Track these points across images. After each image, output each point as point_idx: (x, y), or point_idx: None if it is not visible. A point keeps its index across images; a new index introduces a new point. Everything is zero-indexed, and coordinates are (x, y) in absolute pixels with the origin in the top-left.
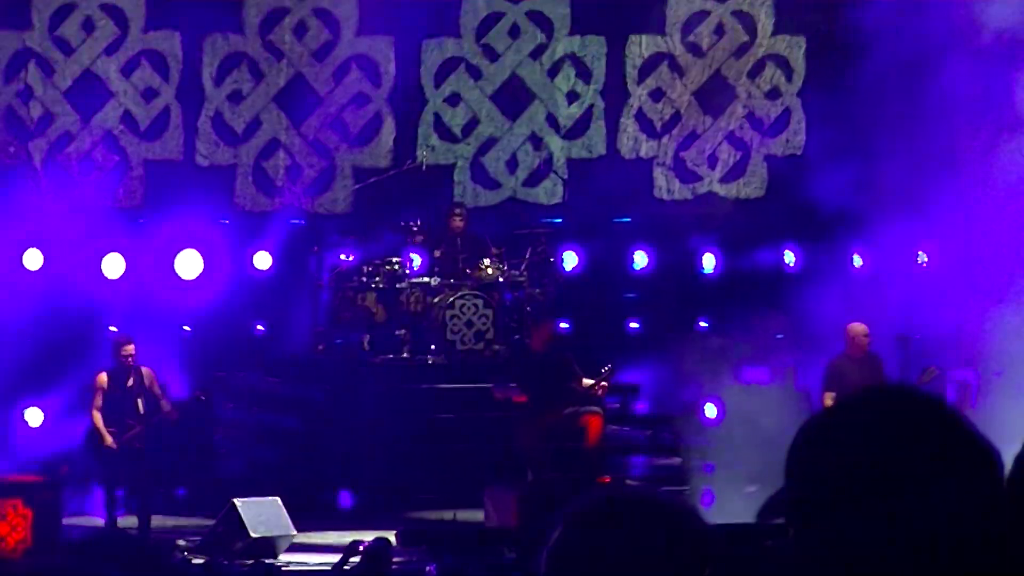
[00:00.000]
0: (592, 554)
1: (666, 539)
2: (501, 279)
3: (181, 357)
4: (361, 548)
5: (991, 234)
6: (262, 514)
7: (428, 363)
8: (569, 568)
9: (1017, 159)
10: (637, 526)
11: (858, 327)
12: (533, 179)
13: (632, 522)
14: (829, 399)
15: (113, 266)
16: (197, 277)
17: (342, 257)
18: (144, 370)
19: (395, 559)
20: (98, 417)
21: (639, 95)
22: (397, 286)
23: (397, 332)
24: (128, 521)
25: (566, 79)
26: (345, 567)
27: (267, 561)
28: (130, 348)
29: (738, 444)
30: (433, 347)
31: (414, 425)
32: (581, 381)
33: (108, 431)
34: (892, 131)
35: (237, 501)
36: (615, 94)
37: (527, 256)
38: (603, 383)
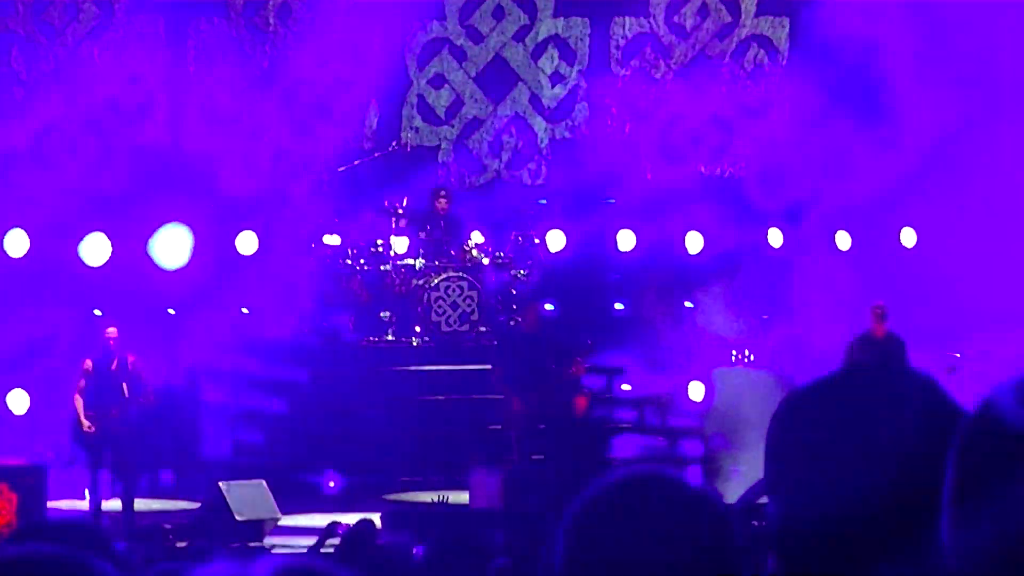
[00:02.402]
0: (612, 534)
1: (690, 521)
2: (486, 261)
3: (166, 340)
4: (340, 531)
5: (978, 215)
6: (247, 497)
7: (413, 345)
8: (588, 548)
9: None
10: (660, 506)
11: (874, 305)
12: (518, 161)
13: (654, 502)
14: None
15: (98, 250)
16: None
17: (327, 239)
18: (129, 355)
19: (380, 541)
20: (79, 401)
21: (623, 76)
22: (382, 268)
23: (382, 314)
24: (112, 505)
25: (550, 60)
26: (323, 549)
27: (252, 544)
28: (112, 331)
29: (724, 425)
30: (418, 329)
31: (399, 407)
32: (564, 365)
33: (89, 415)
34: (877, 111)
35: (222, 484)
36: (599, 75)
37: (512, 237)
38: (581, 364)
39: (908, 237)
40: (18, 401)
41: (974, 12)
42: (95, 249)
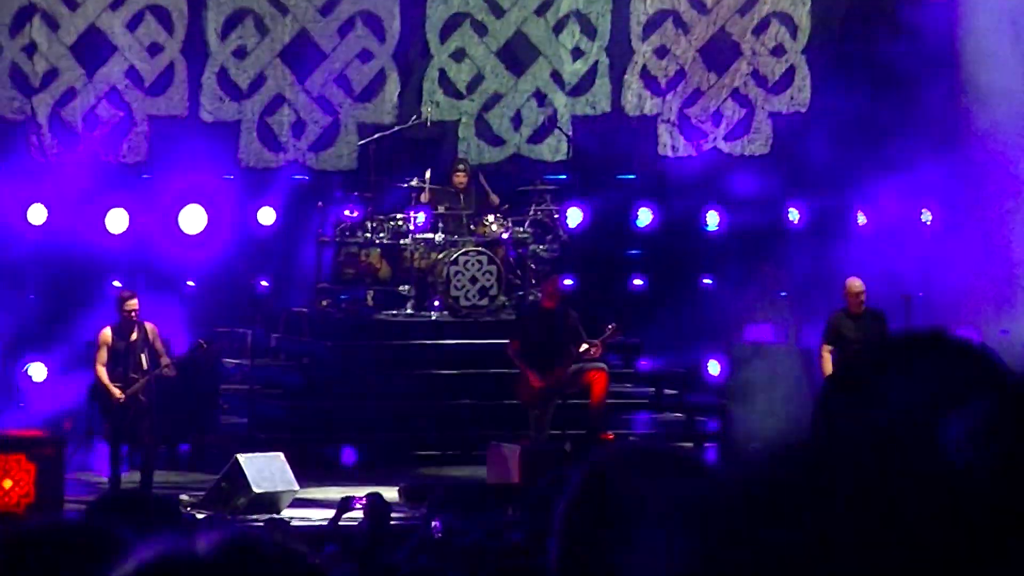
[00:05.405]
0: (613, 508)
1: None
2: (505, 235)
3: (185, 312)
4: (356, 505)
5: (993, 190)
6: (265, 469)
7: (432, 319)
8: (589, 522)
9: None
10: (658, 481)
11: (852, 283)
12: (538, 136)
13: (653, 476)
14: (826, 351)
15: (117, 222)
16: (201, 233)
17: (346, 213)
18: (147, 325)
19: (398, 515)
20: (103, 372)
21: (644, 52)
22: (401, 242)
23: (401, 288)
24: (131, 477)
25: (571, 35)
26: (339, 523)
27: (270, 516)
28: (134, 303)
29: (741, 401)
30: (437, 303)
31: (417, 381)
32: (582, 342)
33: (114, 385)
34: (897, 88)
35: (240, 456)
36: (620, 51)
37: (531, 213)
38: (597, 343)
39: (926, 214)
40: (36, 372)
41: None
42: (114, 220)
